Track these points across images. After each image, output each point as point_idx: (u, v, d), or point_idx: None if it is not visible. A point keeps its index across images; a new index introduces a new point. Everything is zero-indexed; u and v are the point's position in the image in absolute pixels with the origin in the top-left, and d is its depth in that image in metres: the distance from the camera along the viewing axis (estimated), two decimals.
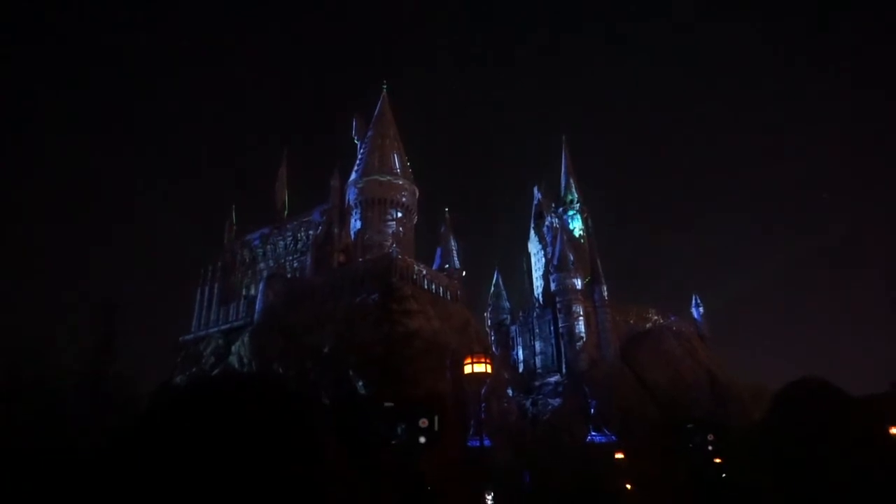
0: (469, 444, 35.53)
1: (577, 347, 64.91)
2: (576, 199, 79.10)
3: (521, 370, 69.12)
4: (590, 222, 77.70)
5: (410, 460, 12.48)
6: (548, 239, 74.53)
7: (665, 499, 32.77)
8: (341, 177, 69.84)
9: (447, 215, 66.93)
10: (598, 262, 71.12)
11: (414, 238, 70.21)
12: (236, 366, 55.06)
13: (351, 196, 69.15)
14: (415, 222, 71.33)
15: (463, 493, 27.88)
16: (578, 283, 67.74)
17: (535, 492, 40.01)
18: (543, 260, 74.90)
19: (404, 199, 69.69)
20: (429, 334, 46.57)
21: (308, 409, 21.22)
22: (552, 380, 64.93)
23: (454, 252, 64.71)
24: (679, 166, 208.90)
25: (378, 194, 68.31)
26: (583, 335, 65.39)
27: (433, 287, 59.06)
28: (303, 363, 46.42)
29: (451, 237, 65.88)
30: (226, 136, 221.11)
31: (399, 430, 12.18)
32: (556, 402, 61.90)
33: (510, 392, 59.27)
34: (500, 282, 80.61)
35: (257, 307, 61.35)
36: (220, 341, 63.27)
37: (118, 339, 27.19)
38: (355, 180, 69.84)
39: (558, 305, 67.40)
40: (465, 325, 57.03)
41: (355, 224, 67.99)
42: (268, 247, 70.64)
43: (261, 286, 63.09)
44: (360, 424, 22.94)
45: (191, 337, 67.57)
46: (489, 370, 19.34)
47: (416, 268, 58.55)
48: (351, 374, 43.24)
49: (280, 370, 47.34)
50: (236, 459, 14.78)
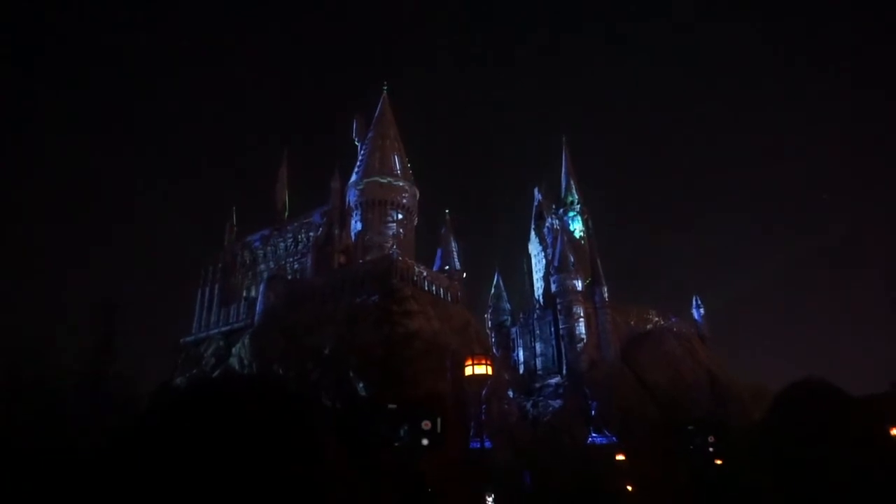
0: (470, 446, 35.49)
1: (578, 349, 64.91)
2: (576, 201, 79.15)
3: (521, 371, 69.10)
4: (590, 223, 77.77)
5: (411, 461, 12.44)
6: (548, 240, 74.54)
7: (665, 500, 32.70)
8: (341, 178, 69.95)
9: (447, 216, 67.14)
10: (599, 263, 71.11)
11: (414, 239, 70.34)
12: (237, 367, 55.06)
13: (351, 197, 69.20)
14: (415, 223, 71.39)
15: (463, 493, 27.81)
16: (579, 285, 67.75)
17: (535, 493, 39.98)
18: (544, 261, 74.92)
19: (405, 201, 69.74)
20: (429, 335, 46.57)
21: (308, 410, 21.18)
22: (553, 381, 64.93)
23: (454, 253, 64.79)
24: (679, 166, 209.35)
25: (378, 196, 68.37)
26: (583, 336, 65.39)
27: (433, 288, 59.10)
28: (303, 364, 46.35)
29: (452, 238, 65.98)
30: (226, 136, 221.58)
31: (402, 432, 12.14)
32: (557, 403, 61.89)
33: (511, 393, 59.27)
34: (501, 283, 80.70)
35: (258, 308, 61.44)
36: (221, 343, 63.34)
37: (118, 339, 27.24)
38: (356, 182, 69.88)
39: (559, 307, 67.41)
40: (466, 327, 57.05)
41: (356, 225, 68.04)
42: (268, 248, 70.75)
43: (261, 287, 63.17)
44: (360, 425, 22.93)
45: (191, 338, 67.69)
46: (490, 371, 19.31)
47: (416, 269, 58.59)
48: (351, 375, 43.22)
49: (280, 371, 47.31)
50: (236, 460, 14.79)
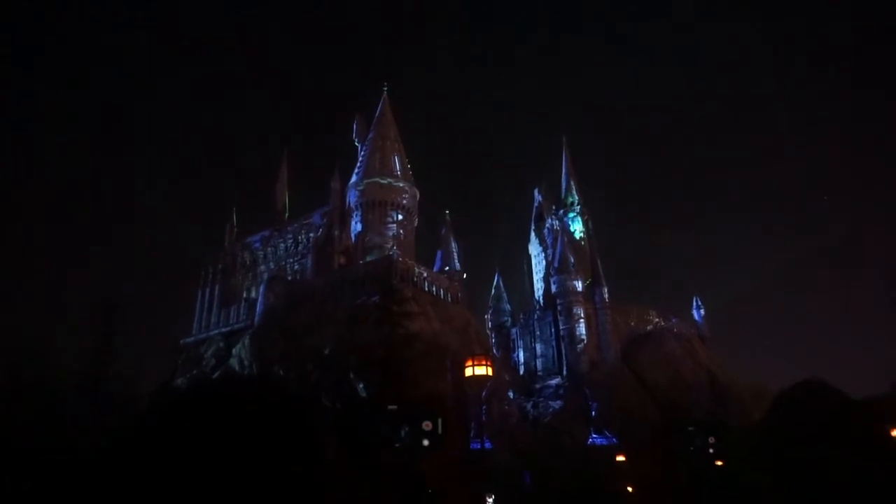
0: (470, 447, 35.48)
1: (578, 349, 64.91)
2: (576, 202, 79.15)
3: (521, 372, 69.09)
4: (590, 224, 77.77)
5: (411, 461, 12.44)
6: (548, 241, 74.53)
7: (666, 501, 32.66)
8: (342, 178, 69.96)
9: (448, 217, 67.17)
10: (599, 263, 71.15)
11: (414, 240, 70.31)
12: (237, 368, 55.06)
13: (351, 198, 69.20)
14: (415, 224, 71.35)
15: (464, 494, 27.82)
16: (579, 285, 67.75)
17: (535, 493, 39.96)
18: (544, 262, 74.91)
19: (405, 202, 69.72)
20: (429, 336, 46.54)
21: (308, 411, 21.21)
22: (553, 382, 64.93)
23: (455, 254, 64.82)
24: (679, 166, 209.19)
25: (379, 196, 68.35)
26: (583, 337, 65.38)
27: (434, 289, 59.09)
28: (303, 365, 46.34)
29: (452, 239, 66.01)
30: (226, 136, 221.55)
31: (402, 433, 12.15)
32: (557, 404, 61.89)
33: (511, 394, 59.27)
34: (501, 284, 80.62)
35: (258, 309, 61.46)
36: (221, 344, 63.35)
37: (118, 339, 27.18)
38: (356, 182, 69.88)
39: (559, 307, 67.40)
40: (466, 327, 57.06)
41: (356, 226, 68.01)
42: (268, 249, 70.77)
43: (261, 288, 63.20)
44: (360, 425, 22.91)
45: (191, 339, 67.70)
46: (490, 372, 19.34)
47: (416, 270, 58.59)
48: (351, 375, 43.20)
49: (281, 372, 47.29)
50: (236, 460, 14.78)
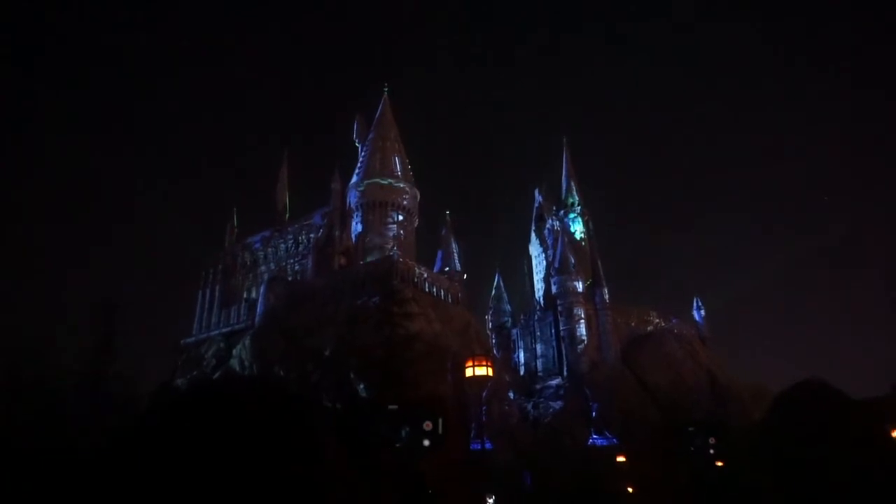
0: (470, 447, 35.50)
1: (579, 350, 64.88)
2: (577, 202, 79.13)
3: (522, 373, 69.05)
4: (590, 225, 77.70)
5: (411, 461, 12.45)
6: (549, 241, 74.52)
7: (666, 501, 32.66)
8: (342, 179, 69.93)
9: (448, 218, 67.21)
10: (599, 264, 71.12)
11: (415, 240, 70.27)
12: (237, 368, 55.04)
13: (352, 199, 69.21)
14: (416, 225, 71.35)
15: (464, 494, 27.83)
16: (579, 286, 67.72)
17: (536, 494, 39.96)
18: (544, 262, 74.90)
19: (405, 202, 69.73)
20: (430, 337, 46.53)
21: (308, 411, 21.25)
22: (553, 382, 64.90)
23: (455, 254, 64.84)
24: (679, 166, 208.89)
25: (379, 197, 68.35)
26: (584, 338, 65.35)
27: (434, 290, 59.08)
28: (304, 366, 46.30)
29: (452, 239, 66.04)
30: (226, 136, 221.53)
31: (403, 433, 12.16)
32: (558, 404, 61.86)
33: (511, 395, 59.25)
34: (501, 284, 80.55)
35: (258, 310, 61.43)
36: (222, 344, 63.36)
37: (118, 339, 27.19)
38: (356, 183, 69.89)
39: (559, 308, 67.38)
40: (466, 328, 57.02)
41: (356, 227, 68.01)
42: (269, 249, 70.76)
43: (262, 289, 63.16)
44: (361, 426, 22.91)
45: (192, 340, 67.70)
46: (490, 373, 19.36)
47: (416, 270, 58.57)
48: (352, 376, 43.17)
49: (281, 373, 47.26)
50: (237, 459, 14.79)
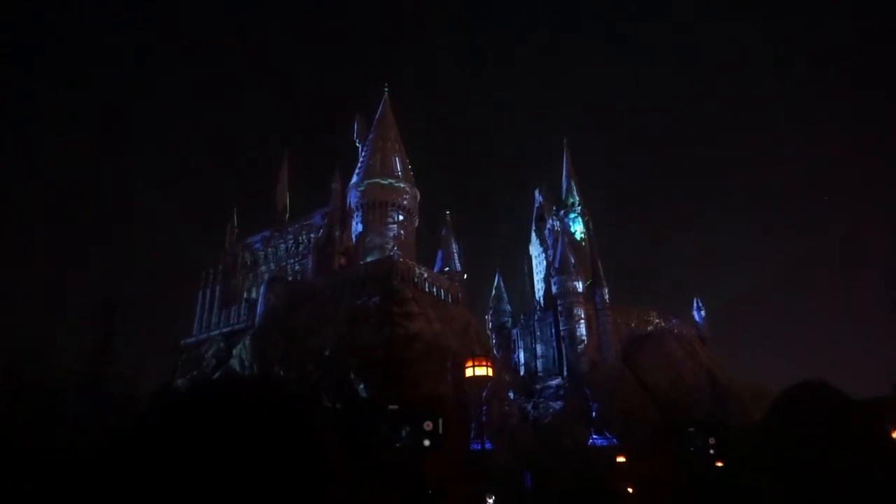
0: (471, 447, 35.49)
1: (579, 350, 64.87)
2: (577, 202, 79.15)
3: (522, 373, 69.04)
4: (591, 225, 77.71)
5: (412, 461, 12.46)
6: (549, 242, 74.52)
7: (666, 501, 32.67)
8: (342, 179, 69.96)
9: (448, 218, 67.22)
10: (600, 264, 71.12)
11: (415, 240, 70.31)
12: (237, 369, 55.05)
13: (352, 199, 69.23)
14: (416, 225, 71.38)
15: (464, 494, 27.82)
16: (580, 286, 67.70)
17: (536, 494, 39.91)
18: (544, 262, 74.90)
19: (405, 202, 69.75)
20: (430, 337, 46.53)
21: (309, 411, 21.24)
22: (553, 383, 64.88)
23: (455, 254, 64.85)
24: (679, 166, 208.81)
25: (379, 197, 68.37)
26: (584, 338, 65.33)
27: (434, 290, 59.08)
28: (304, 366, 46.25)
29: (452, 239, 66.05)
30: (226, 136, 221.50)
31: (403, 433, 12.17)
32: (558, 404, 61.84)
33: (511, 395, 59.21)
34: (502, 284, 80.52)
35: (258, 310, 61.43)
36: (222, 344, 63.36)
37: (118, 339, 27.18)
38: (356, 183, 69.91)
39: (559, 308, 67.36)
40: (467, 328, 57.02)
41: (356, 227, 68.02)
42: (269, 249, 70.79)
43: (262, 289, 63.17)
44: (361, 426, 22.93)
45: (192, 340, 67.70)
46: (490, 373, 19.33)
47: (417, 270, 58.57)
48: (352, 376, 43.14)
49: (281, 373, 47.23)
50: (237, 459, 14.79)
